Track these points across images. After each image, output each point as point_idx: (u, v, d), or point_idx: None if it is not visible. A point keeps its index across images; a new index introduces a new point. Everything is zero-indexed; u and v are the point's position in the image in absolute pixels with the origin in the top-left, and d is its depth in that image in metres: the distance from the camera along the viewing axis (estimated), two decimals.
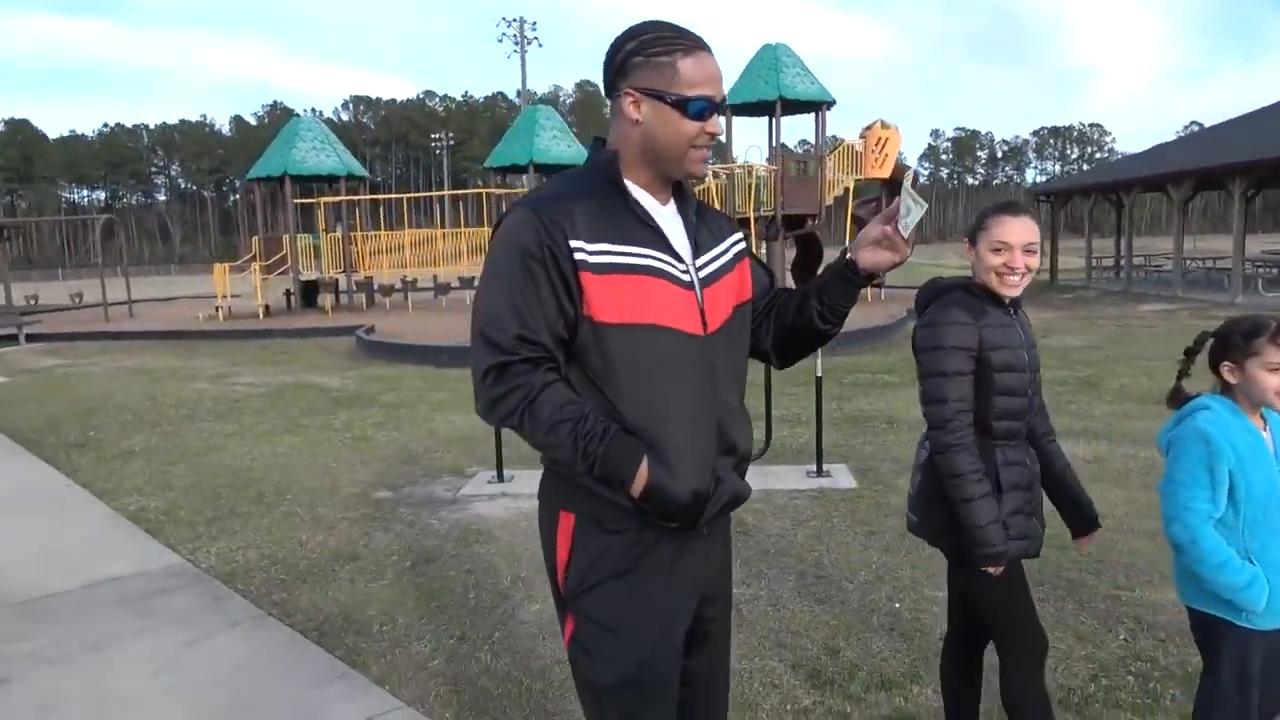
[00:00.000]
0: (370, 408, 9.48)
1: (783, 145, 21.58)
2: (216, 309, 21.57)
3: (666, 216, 1.80)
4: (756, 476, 3.70)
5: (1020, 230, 2.35)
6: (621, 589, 1.75)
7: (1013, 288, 2.37)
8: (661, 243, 1.74)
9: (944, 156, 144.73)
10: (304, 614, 4.08)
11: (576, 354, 1.72)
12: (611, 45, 1.76)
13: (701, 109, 1.70)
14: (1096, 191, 27.96)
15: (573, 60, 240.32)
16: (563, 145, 22.42)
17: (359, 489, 6.24)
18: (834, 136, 22.28)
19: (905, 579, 4.27)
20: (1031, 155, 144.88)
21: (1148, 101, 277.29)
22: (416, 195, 27.28)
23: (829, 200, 20.45)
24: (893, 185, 21.12)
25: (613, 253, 1.68)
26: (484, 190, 22.95)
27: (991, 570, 2.34)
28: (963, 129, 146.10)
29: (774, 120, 21.03)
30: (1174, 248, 23.32)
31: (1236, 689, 2.30)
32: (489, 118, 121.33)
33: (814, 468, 6.14)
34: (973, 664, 2.71)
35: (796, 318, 1.92)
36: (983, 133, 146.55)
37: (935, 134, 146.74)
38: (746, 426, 1.86)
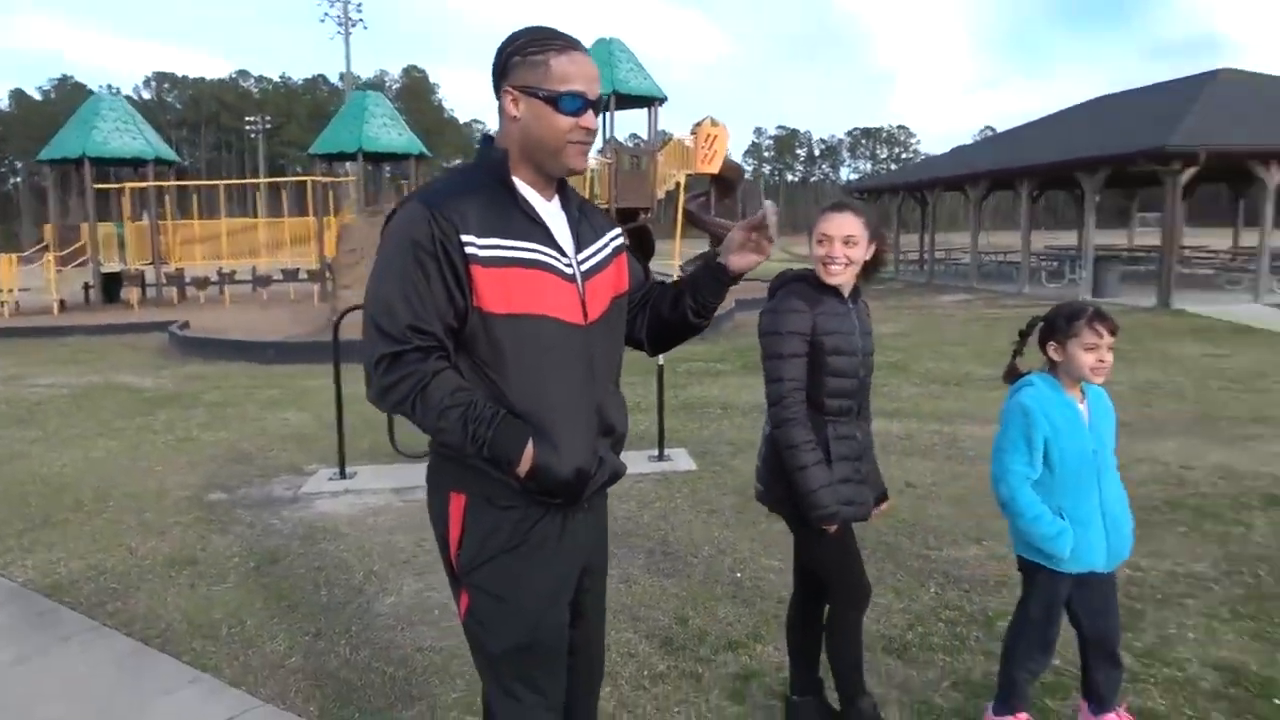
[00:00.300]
0: (193, 408, 9.01)
1: (615, 139, 21.94)
2: (2, 304, 19.66)
3: (551, 212, 1.91)
4: None
5: (839, 224, 2.63)
6: (512, 562, 1.87)
7: (835, 276, 2.66)
8: (547, 238, 1.85)
9: (766, 154, 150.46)
10: (144, 622, 3.92)
11: (466, 343, 1.81)
12: (496, 50, 1.87)
13: (575, 105, 1.80)
14: (904, 190, 30.03)
15: (400, 44, 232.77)
16: (393, 133, 21.83)
17: (189, 492, 5.97)
18: (664, 132, 22.89)
19: (745, 551, 4.59)
20: (846, 154, 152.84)
21: (949, 106, 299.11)
22: (235, 182, 25.77)
23: (661, 194, 21.01)
24: (721, 181, 21.94)
25: (501, 247, 1.78)
26: (309, 178, 21.99)
27: (827, 529, 2.62)
28: (784, 127, 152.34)
29: (608, 114, 21.33)
30: (971, 243, 25.44)
31: (1043, 620, 2.73)
32: (309, 101, 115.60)
33: (656, 453, 6.42)
34: (815, 621, 3.00)
35: (671, 313, 2.10)
36: (802, 131, 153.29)
37: (758, 131, 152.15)
38: (623, 409, 2.02)
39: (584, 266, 1.91)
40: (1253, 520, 4.91)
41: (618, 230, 2.08)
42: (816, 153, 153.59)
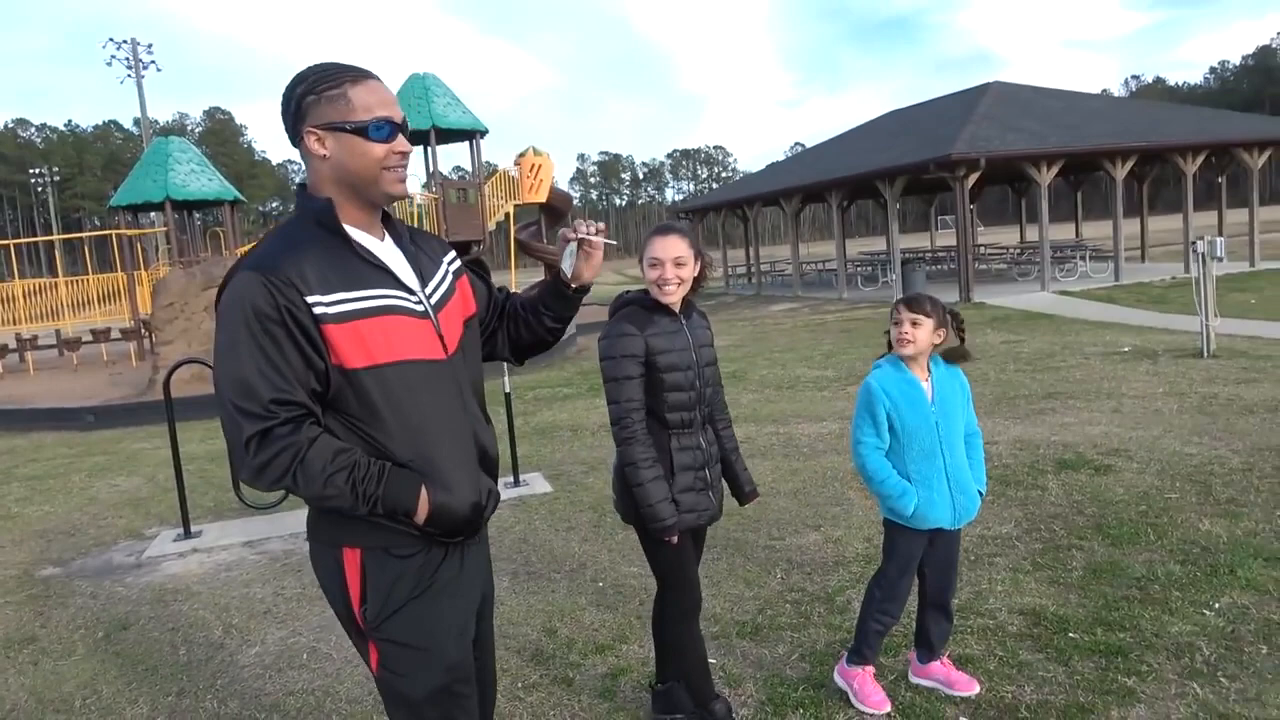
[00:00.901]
0: (7, 484, 8.37)
1: (440, 173, 21.85)
2: None
3: (388, 252, 1.86)
4: None
5: (667, 247, 2.81)
6: (421, 609, 1.83)
7: (669, 295, 2.85)
8: (391, 280, 1.80)
9: (592, 179, 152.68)
10: None
11: (333, 402, 1.75)
12: (284, 95, 1.80)
13: (384, 131, 1.77)
14: (726, 207, 31.32)
15: (200, 85, 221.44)
16: (203, 179, 20.80)
17: (17, 570, 5.61)
18: (489, 164, 23.00)
19: (605, 561, 4.81)
20: (669, 176, 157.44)
21: (760, 125, 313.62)
22: (26, 240, 23.81)
23: (491, 226, 21.08)
24: (550, 209, 22.23)
25: (349, 300, 1.72)
26: (112, 232, 20.67)
27: (666, 539, 2.83)
28: (606, 153, 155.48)
29: (429, 149, 21.24)
30: (792, 254, 26.85)
31: (897, 575, 3.13)
32: (102, 150, 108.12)
33: (512, 478, 6.55)
34: None
35: (531, 333, 2.18)
36: (624, 156, 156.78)
37: (581, 158, 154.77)
38: (491, 432, 2.01)
39: (433, 300, 1.89)
40: (1047, 484, 5.57)
41: (453, 253, 2.06)
42: (640, 176, 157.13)
